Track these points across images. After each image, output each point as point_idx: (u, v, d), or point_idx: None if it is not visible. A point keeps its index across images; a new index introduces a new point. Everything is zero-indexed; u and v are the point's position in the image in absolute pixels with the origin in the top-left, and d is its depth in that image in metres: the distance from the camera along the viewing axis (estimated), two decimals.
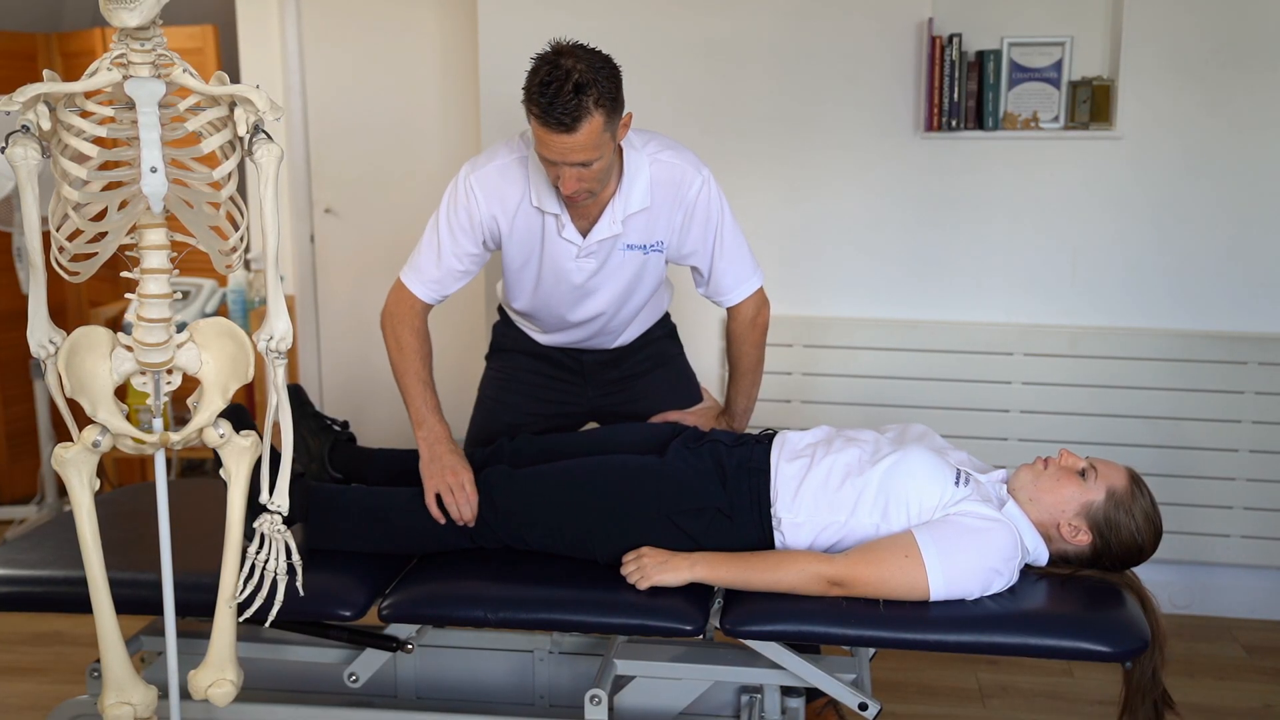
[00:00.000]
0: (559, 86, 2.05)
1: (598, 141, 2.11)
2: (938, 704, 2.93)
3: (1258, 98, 3.25)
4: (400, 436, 4.30)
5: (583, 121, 2.07)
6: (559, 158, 2.12)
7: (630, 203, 2.31)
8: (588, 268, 2.37)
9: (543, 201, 2.30)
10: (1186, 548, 3.37)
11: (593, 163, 2.14)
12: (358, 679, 2.25)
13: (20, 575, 2.17)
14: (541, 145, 2.14)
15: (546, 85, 2.06)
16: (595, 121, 2.08)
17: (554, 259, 2.36)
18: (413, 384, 2.34)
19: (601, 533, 2.16)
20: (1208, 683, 3.05)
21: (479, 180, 2.32)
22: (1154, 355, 3.33)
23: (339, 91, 4.30)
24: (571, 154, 2.11)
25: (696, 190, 2.34)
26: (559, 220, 2.32)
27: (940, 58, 3.28)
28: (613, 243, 2.35)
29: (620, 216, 2.31)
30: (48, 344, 1.76)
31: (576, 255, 2.35)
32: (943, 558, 1.97)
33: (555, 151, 2.11)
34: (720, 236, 2.39)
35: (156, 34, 1.65)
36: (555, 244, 2.35)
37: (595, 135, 2.10)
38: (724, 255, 2.42)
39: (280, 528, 1.86)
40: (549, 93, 2.05)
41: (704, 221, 2.37)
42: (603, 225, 2.32)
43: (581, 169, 2.14)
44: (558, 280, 2.40)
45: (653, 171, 2.32)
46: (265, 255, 1.75)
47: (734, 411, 2.62)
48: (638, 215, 2.33)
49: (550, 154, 2.13)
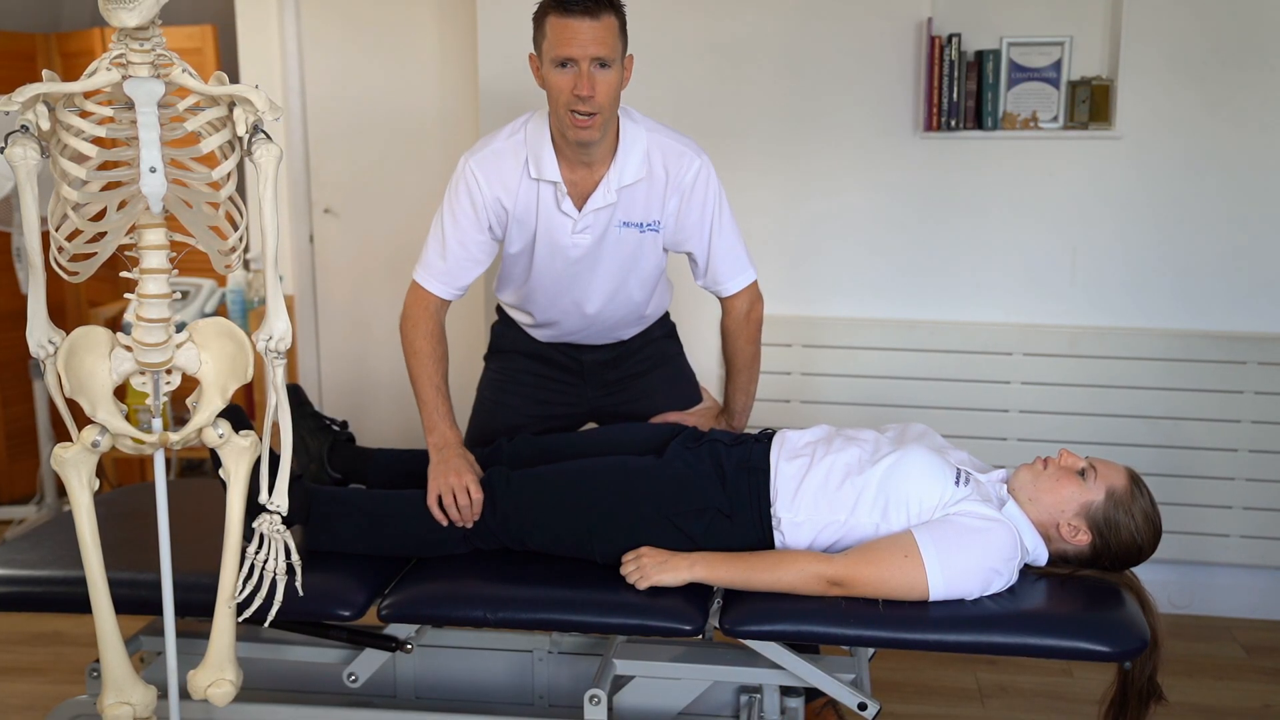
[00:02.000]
0: None
1: (614, 41, 2.19)
2: (937, 704, 2.93)
3: (1257, 97, 3.25)
4: (400, 436, 4.31)
5: (603, 12, 2.16)
6: (580, 50, 2.16)
7: (625, 173, 2.32)
8: (583, 243, 2.37)
9: (541, 170, 2.31)
10: (1186, 548, 3.37)
11: (610, 65, 2.19)
12: (357, 679, 2.25)
13: (20, 575, 2.17)
14: (560, 44, 2.17)
15: None
16: (612, 20, 2.18)
17: (550, 234, 2.37)
18: (425, 389, 2.35)
19: (601, 534, 2.16)
20: (1207, 683, 3.05)
21: (478, 163, 2.34)
22: (1153, 355, 3.33)
23: (338, 91, 4.30)
24: (593, 45, 2.16)
25: (694, 173, 2.35)
26: (556, 190, 2.32)
27: (939, 57, 3.28)
28: (609, 215, 2.35)
29: (615, 186, 2.32)
30: (47, 344, 1.76)
31: (573, 230, 2.36)
32: (942, 557, 1.97)
33: (577, 44, 2.16)
34: (718, 222, 2.41)
35: (155, 34, 1.65)
36: (552, 218, 2.35)
37: (613, 33, 2.18)
38: (721, 242, 2.43)
39: (279, 528, 1.86)
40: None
41: (701, 205, 2.38)
42: (598, 195, 2.33)
43: (599, 70, 2.18)
44: (553, 256, 2.39)
45: (649, 145, 2.34)
46: (264, 255, 1.75)
47: (733, 410, 2.62)
48: (633, 187, 2.34)
49: (570, 49, 2.16)
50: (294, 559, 1.88)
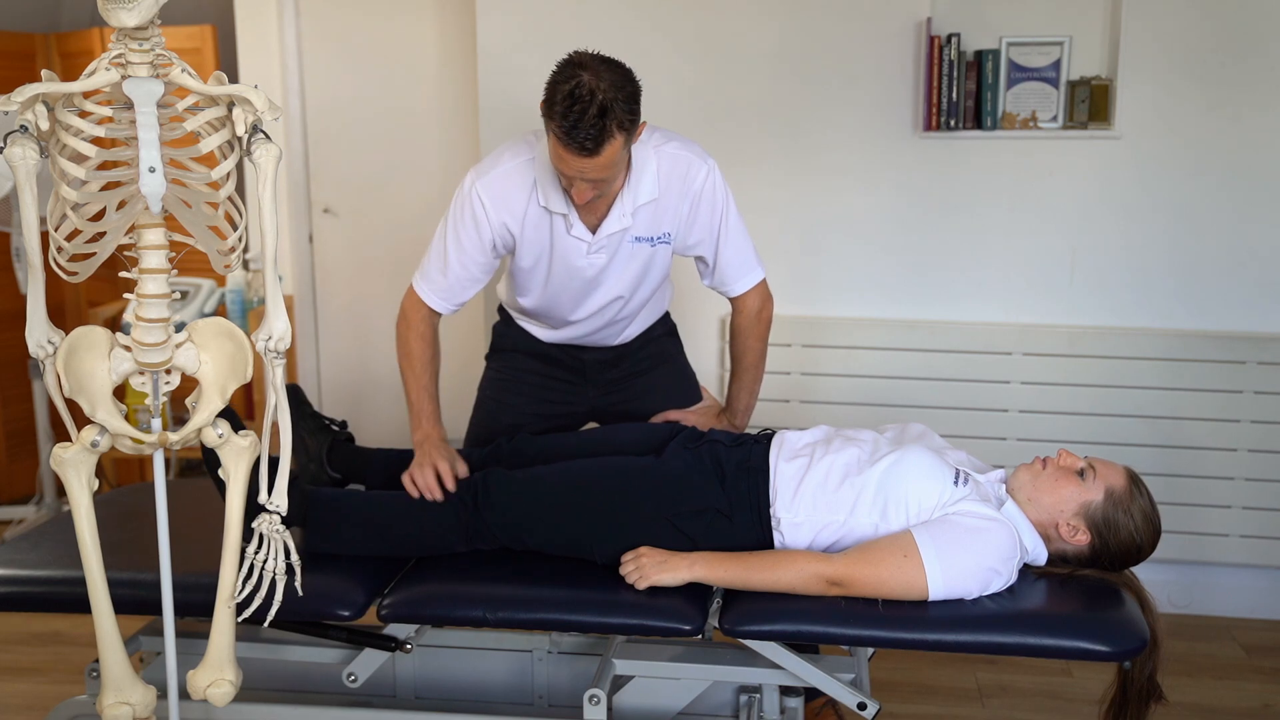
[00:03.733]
0: (583, 110, 2.02)
1: (616, 160, 2.13)
2: (936, 704, 2.93)
3: (1256, 97, 3.25)
4: (399, 436, 4.30)
5: (605, 145, 2.07)
6: (576, 174, 2.13)
7: (639, 195, 2.32)
8: (598, 263, 2.38)
9: (550, 202, 2.30)
10: (1185, 547, 3.37)
11: (609, 181, 2.17)
12: (356, 679, 2.25)
13: (19, 575, 2.17)
14: (559, 160, 2.14)
15: (570, 107, 2.03)
16: (616, 143, 2.09)
17: (564, 256, 2.37)
18: (413, 390, 2.40)
19: (600, 534, 2.16)
20: (1207, 682, 3.05)
21: (485, 187, 2.32)
22: (1153, 355, 3.33)
23: (337, 91, 4.30)
24: (589, 173, 2.12)
25: (703, 179, 2.36)
26: (567, 220, 2.32)
27: (939, 57, 3.28)
28: (621, 236, 2.36)
29: (630, 209, 2.32)
30: (46, 344, 1.76)
31: (587, 252, 2.36)
32: (941, 557, 1.97)
33: (573, 169, 2.12)
34: (726, 225, 2.41)
35: (155, 34, 1.65)
36: (565, 242, 2.35)
37: (615, 155, 2.10)
38: (729, 244, 2.43)
39: (279, 528, 1.86)
40: (572, 115, 2.03)
41: (710, 210, 2.39)
42: (612, 219, 2.32)
43: (596, 182, 2.16)
44: (569, 277, 2.40)
45: (659, 163, 2.33)
46: (264, 255, 1.75)
47: (735, 409, 2.62)
48: (646, 206, 2.34)
49: (568, 170, 2.13)
50: (293, 559, 1.88)
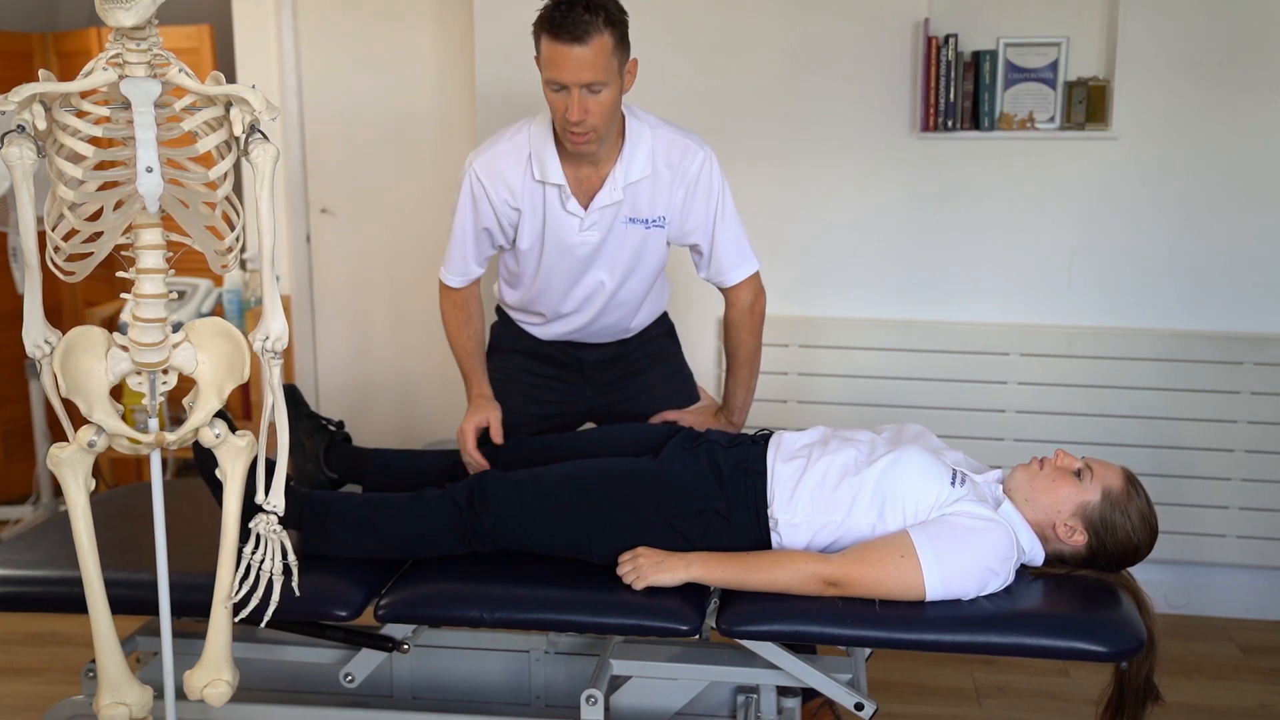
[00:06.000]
0: (571, 3, 2.14)
1: (606, 63, 2.17)
2: (934, 704, 2.93)
3: (1254, 98, 3.26)
4: (397, 436, 4.31)
5: (593, 36, 2.14)
6: (569, 76, 2.16)
7: (631, 170, 2.34)
8: (591, 240, 2.39)
9: (545, 173, 2.33)
10: (1182, 548, 3.38)
11: (601, 89, 2.18)
12: (354, 679, 2.25)
13: (16, 575, 2.17)
14: (551, 67, 2.18)
15: (559, 2, 2.15)
16: (605, 41, 2.15)
17: (558, 234, 2.39)
18: (458, 355, 2.59)
19: (597, 535, 2.16)
20: (1204, 682, 3.05)
21: (482, 166, 2.38)
22: (1150, 355, 3.33)
23: (335, 91, 4.29)
24: (582, 71, 2.15)
25: (699, 166, 2.37)
26: (561, 192, 2.34)
27: (936, 58, 3.28)
28: (615, 212, 2.37)
29: (621, 184, 2.34)
30: (43, 344, 1.76)
31: (580, 228, 2.38)
32: (939, 558, 1.97)
33: (566, 70, 2.15)
34: (721, 214, 2.43)
35: (152, 34, 1.65)
36: (559, 219, 2.37)
37: (604, 55, 2.16)
38: (725, 233, 2.45)
39: (276, 528, 1.86)
40: (562, 7, 2.14)
41: (705, 198, 2.40)
42: (604, 193, 2.34)
43: (590, 95, 2.18)
44: (561, 255, 2.42)
45: (655, 143, 2.35)
46: (261, 255, 1.75)
47: (732, 406, 2.62)
48: (639, 184, 2.35)
49: (560, 74, 2.17)
50: (290, 559, 1.88)
